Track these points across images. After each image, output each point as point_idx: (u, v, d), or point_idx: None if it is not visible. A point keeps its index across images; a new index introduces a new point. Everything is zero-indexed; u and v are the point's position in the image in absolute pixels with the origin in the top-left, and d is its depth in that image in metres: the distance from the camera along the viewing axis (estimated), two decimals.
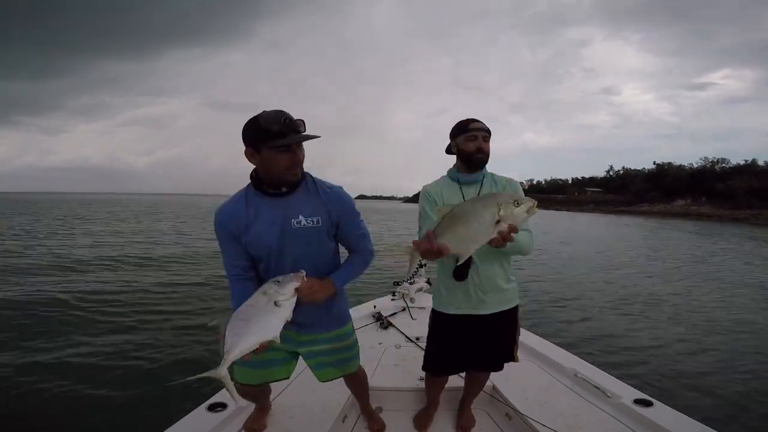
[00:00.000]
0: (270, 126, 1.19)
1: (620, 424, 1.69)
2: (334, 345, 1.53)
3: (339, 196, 1.39)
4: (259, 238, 1.31)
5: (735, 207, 50.86)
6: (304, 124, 1.25)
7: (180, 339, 4.07)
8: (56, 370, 3.28)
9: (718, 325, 5.37)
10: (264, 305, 1.20)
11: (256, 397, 1.63)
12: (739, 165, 65.19)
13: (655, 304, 6.36)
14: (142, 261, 8.54)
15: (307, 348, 1.51)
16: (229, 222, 1.31)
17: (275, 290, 1.21)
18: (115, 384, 3.07)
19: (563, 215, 47.22)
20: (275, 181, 1.29)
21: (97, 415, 2.70)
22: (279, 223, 1.31)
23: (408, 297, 3.41)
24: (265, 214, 1.31)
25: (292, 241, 1.33)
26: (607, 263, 10.68)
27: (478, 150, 1.55)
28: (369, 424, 1.85)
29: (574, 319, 5.42)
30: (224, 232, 1.33)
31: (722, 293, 7.37)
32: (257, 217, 1.31)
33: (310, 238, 1.34)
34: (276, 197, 1.32)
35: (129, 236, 13.22)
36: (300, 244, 1.34)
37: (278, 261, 1.34)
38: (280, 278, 1.23)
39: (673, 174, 70.92)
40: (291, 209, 1.32)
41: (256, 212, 1.31)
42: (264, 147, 1.21)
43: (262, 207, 1.32)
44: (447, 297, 1.62)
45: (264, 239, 1.31)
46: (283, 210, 1.32)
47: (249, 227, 1.31)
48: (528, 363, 2.30)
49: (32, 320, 4.52)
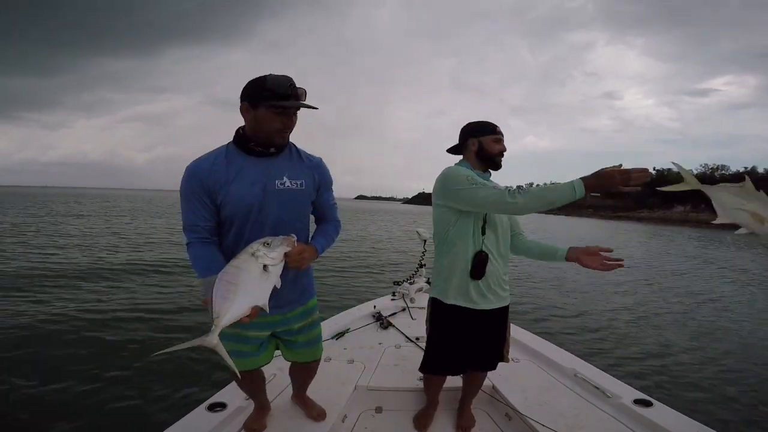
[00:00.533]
0: (275, 87, 1.20)
1: (620, 424, 1.69)
2: (305, 321, 1.51)
3: (322, 164, 1.43)
4: (239, 196, 1.26)
5: None
6: (305, 94, 1.26)
7: (179, 339, 4.06)
8: (56, 369, 3.26)
9: (719, 325, 5.38)
10: (252, 268, 1.13)
11: (252, 388, 1.61)
12: (738, 172, 65.47)
13: (656, 306, 6.37)
14: (139, 259, 8.51)
15: (286, 326, 1.48)
16: (208, 177, 1.24)
17: (264, 253, 1.14)
18: (115, 384, 3.05)
19: (561, 219, 47.29)
20: (263, 140, 1.28)
21: (97, 415, 2.68)
22: (262, 182, 1.28)
23: (408, 297, 3.41)
24: (248, 172, 1.28)
25: (275, 201, 1.30)
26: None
27: (501, 152, 1.63)
28: (307, 412, 1.76)
29: (575, 319, 5.43)
30: (197, 187, 1.24)
31: (723, 295, 7.38)
32: (239, 175, 1.27)
33: (293, 201, 1.34)
34: (261, 157, 1.30)
35: (126, 234, 13.19)
36: (282, 206, 1.31)
37: (255, 223, 1.29)
38: (270, 240, 1.16)
39: (672, 180, 70.91)
40: (275, 170, 1.31)
41: (237, 169, 1.27)
42: (263, 105, 1.22)
43: (245, 165, 1.28)
44: (455, 290, 1.61)
45: (245, 198, 1.26)
46: (266, 170, 1.30)
47: (228, 184, 1.25)
48: (528, 363, 2.30)
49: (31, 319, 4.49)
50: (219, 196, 1.25)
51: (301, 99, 1.25)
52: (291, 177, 1.32)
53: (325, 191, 1.45)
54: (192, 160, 1.28)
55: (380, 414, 1.98)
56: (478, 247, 1.59)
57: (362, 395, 2.02)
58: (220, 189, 1.25)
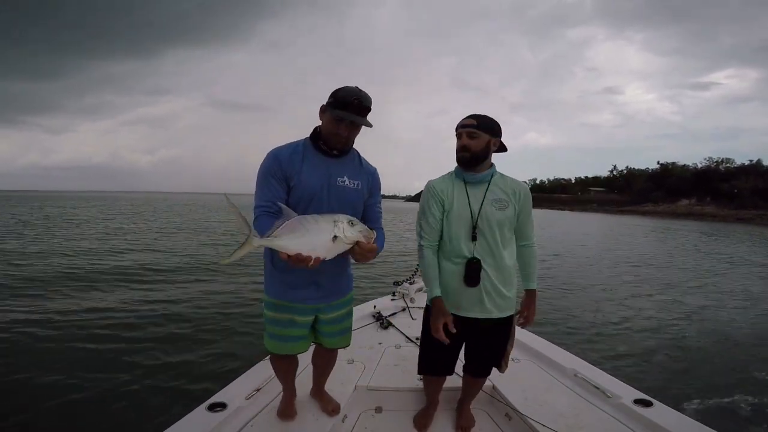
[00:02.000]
0: (342, 97, 1.38)
1: (620, 424, 1.68)
2: (342, 311, 1.66)
3: (376, 172, 1.62)
4: (307, 185, 1.43)
5: (740, 207, 50.55)
6: (368, 111, 1.43)
7: (180, 338, 4.08)
8: (55, 369, 3.28)
9: (719, 325, 5.35)
10: (326, 229, 1.25)
11: (288, 373, 1.73)
12: (744, 165, 64.87)
13: (656, 305, 6.34)
14: (142, 259, 8.56)
15: (326, 314, 1.61)
16: (287, 161, 1.43)
17: (344, 228, 1.27)
18: (115, 384, 3.07)
19: (565, 214, 47.09)
20: (327, 141, 1.46)
21: (97, 415, 2.70)
22: (326, 177, 1.46)
23: (408, 297, 3.41)
24: (317, 164, 1.47)
25: (334, 195, 1.47)
26: (608, 264, 10.63)
27: (460, 148, 1.58)
28: (322, 405, 1.82)
29: (575, 319, 5.41)
30: (280, 166, 1.42)
31: (723, 295, 7.33)
32: (309, 167, 1.45)
33: (350, 197, 1.50)
34: (327, 156, 1.48)
35: (122, 234, 13.28)
36: (341, 200, 1.47)
37: (315, 210, 1.41)
38: (355, 221, 1.30)
39: (677, 174, 70.58)
40: (337, 169, 1.49)
41: (309, 161, 1.46)
42: (330, 109, 1.41)
43: (315, 160, 1.47)
44: (451, 298, 1.60)
45: (311, 187, 1.44)
46: (330, 167, 1.48)
47: (301, 171, 1.44)
48: (528, 363, 2.29)
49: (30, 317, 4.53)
50: (293, 179, 1.43)
51: (362, 114, 1.41)
52: (350, 177, 1.51)
53: (374, 197, 1.62)
54: (276, 148, 1.48)
55: (380, 414, 1.98)
56: (470, 254, 1.57)
57: (362, 395, 2.03)
58: (295, 175, 1.43)
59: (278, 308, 1.55)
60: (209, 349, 3.81)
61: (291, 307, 1.54)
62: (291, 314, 1.55)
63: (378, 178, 1.62)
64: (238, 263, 7.95)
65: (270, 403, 1.80)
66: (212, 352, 3.76)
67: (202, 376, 3.23)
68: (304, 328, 1.60)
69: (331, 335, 1.67)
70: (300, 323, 1.58)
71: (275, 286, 1.55)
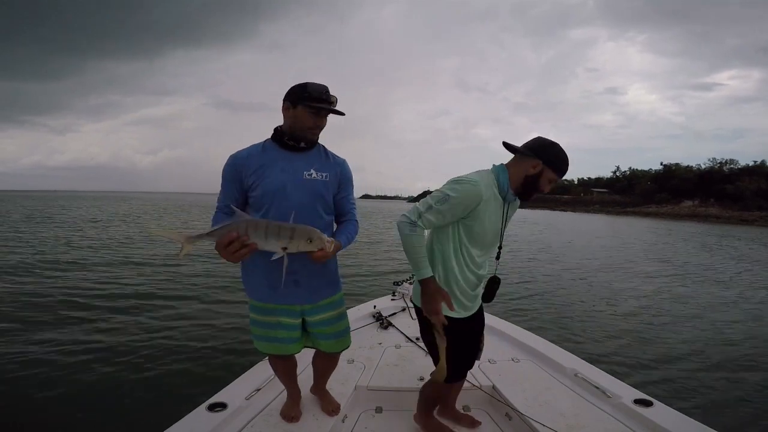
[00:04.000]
0: (313, 91, 1.43)
1: (620, 424, 1.68)
2: (332, 312, 1.65)
3: (345, 163, 1.64)
4: (269, 180, 1.46)
5: (744, 209, 50.28)
6: (336, 102, 1.48)
7: (180, 338, 4.09)
8: (54, 369, 3.28)
9: (719, 326, 5.33)
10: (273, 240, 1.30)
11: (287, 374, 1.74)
12: (748, 166, 64.37)
13: (656, 305, 6.32)
14: (149, 259, 8.59)
15: (315, 316, 1.62)
16: (245, 160, 1.47)
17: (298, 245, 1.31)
18: (115, 384, 3.08)
19: (568, 215, 46.98)
20: (297, 135, 1.49)
21: (97, 415, 2.70)
22: (291, 172, 1.48)
23: (408, 297, 3.41)
24: (280, 162, 1.49)
25: (301, 189, 1.48)
26: (608, 264, 10.60)
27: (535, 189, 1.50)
28: (323, 405, 1.82)
29: (574, 319, 5.40)
30: (234, 170, 1.47)
31: (724, 294, 7.31)
32: (271, 162, 1.49)
33: (317, 190, 1.51)
34: (293, 151, 1.52)
35: (122, 231, 13.32)
36: (307, 194, 1.49)
37: (281, 206, 1.45)
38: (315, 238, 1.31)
39: (680, 175, 70.20)
40: (304, 162, 1.52)
41: (271, 158, 1.49)
42: (300, 104, 1.44)
43: (278, 156, 1.50)
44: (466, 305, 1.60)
45: (274, 182, 1.46)
46: (296, 162, 1.51)
47: (262, 168, 1.47)
48: (528, 363, 2.29)
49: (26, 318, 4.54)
50: (251, 179, 1.47)
51: (333, 105, 1.47)
52: (318, 170, 1.53)
53: (345, 188, 1.62)
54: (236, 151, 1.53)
55: (380, 414, 1.98)
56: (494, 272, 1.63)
57: (362, 395, 2.03)
58: (254, 172, 1.46)
59: (263, 311, 1.56)
60: (209, 349, 3.81)
61: (275, 309, 1.55)
62: (276, 316, 1.56)
63: (348, 169, 1.63)
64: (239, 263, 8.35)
65: (270, 403, 1.80)
66: (212, 352, 3.77)
67: (202, 376, 3.24)
68: (292, 330, 1.60)
69: (326, 338, 1.66)
70: (286, 325, 1.57)
71: (256, 288, 1.55)
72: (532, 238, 17.18)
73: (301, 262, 1.44)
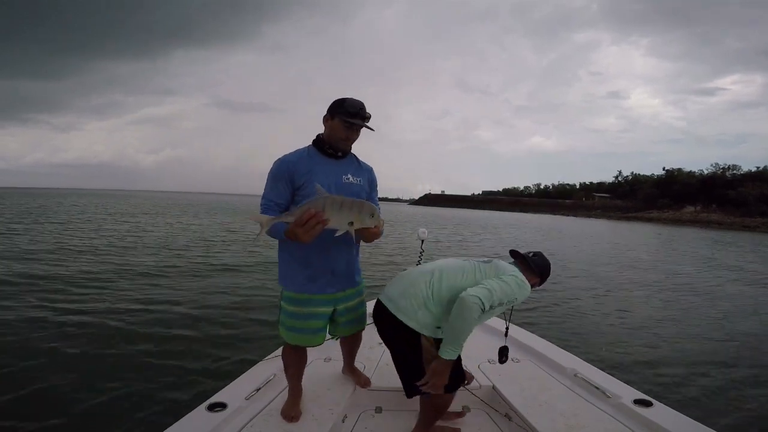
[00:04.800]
0: (349, 106, 1.60)
1: (620, 424, 1.68)
2: (357, 300, 1.83)
3: (372, 170, 1.85)
4: (319, 180, 1.59)
5: (746, 215, 50.07)
6: (370, 117, 1.65)
7: (180, 338, 4.08)
8: (55, 369, 3.28)
9: (719, 326, 5.32)
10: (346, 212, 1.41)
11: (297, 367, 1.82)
12: (750, 172, 64.25)
13: (656, 306, 6.31)
14: (149, 260, 8.60)
15: (343, 304, 1.77)
16: (295, 165, 1.62)
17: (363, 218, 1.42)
18: (115, 384, 3.06)
19: (570, 220, 46.87)
20: (333, 145, 1.67)
21: (97, 415, 2.70)
22: (333, 176, 1.66)
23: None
24: (322, 167, 1.66)
25: (343, 191, 1.63)
26: (608, 264, 10.58)
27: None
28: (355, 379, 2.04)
29: (574, 319, 5.40)
30: (286, 170, 1.61)
31: (724, 295, 7.29)
32: (317, 166, 1.65)
33: (355, 192, 1.68)
34: (331, 158, 1.69)
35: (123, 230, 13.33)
36: (348, 195, 1.60)
37: None
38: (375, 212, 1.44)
39: (682, 180, 70.06)
40: (342, 168, 1.70)
41: (316, 163, 1.66)
42: (337, 117, 1.61)
43: (321, 162, 1.67)
44: None
45: (322, 181, 1.59)
46: (335, 168, 1.68)
47: (310, 172, 1.62)
48: (528, 363, 2.29)
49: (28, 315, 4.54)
50: (301, 180, 1.61)
51: (366, 121, 1.64)
52: (354, 175, 1.72)
53: (373, 191, 1.83)
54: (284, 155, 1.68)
55: (380, 414, 1.98)
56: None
57: (362, 395, 2.03)
58: (304, 175, 1.62)
59: (298, 302, 1.68)
60: (209, 349, 3.80)
61: (311, 300, 1.68)
62: (311, 307, 1.68)
63: (374, 175, 1.85)
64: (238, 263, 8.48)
65: (270, 403, 1.80)
66: (212, 352, 3.76)
67: (202, 376, 3.23)
68: (323, 319, 1.73)
69: (350, 323, 1.84)
70: (319, 314, 1.70)
71: (295, 280, 1.68)
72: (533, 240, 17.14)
73: (337, 250, 1.65)
